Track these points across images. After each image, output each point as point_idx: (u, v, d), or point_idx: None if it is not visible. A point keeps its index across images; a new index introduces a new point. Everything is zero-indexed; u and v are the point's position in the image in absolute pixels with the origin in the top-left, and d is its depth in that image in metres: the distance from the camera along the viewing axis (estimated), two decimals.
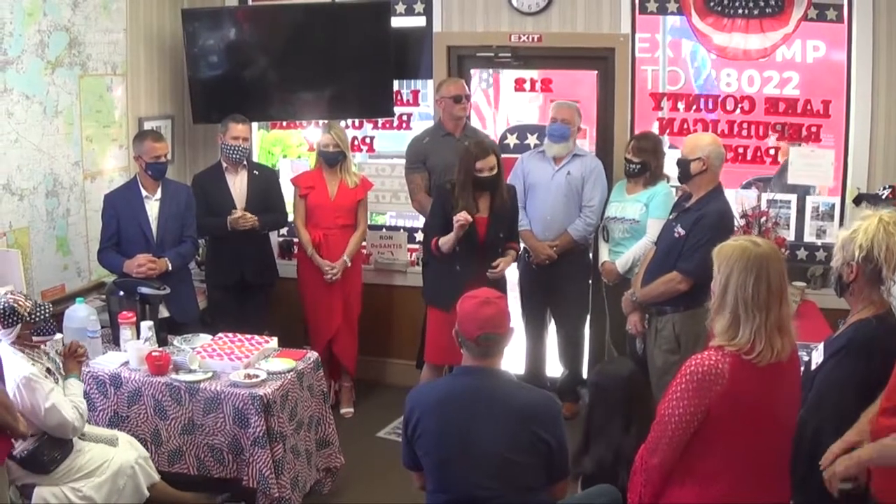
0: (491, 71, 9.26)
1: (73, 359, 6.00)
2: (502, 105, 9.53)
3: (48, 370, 5.58)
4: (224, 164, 8.17)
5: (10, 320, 5.38)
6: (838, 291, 4.70)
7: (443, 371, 7.87)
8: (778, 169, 8.27)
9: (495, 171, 7.32)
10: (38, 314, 5.48)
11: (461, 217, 7.12)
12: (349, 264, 8.39)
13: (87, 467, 5.66)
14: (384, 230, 9.10)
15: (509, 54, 8.66)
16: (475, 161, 7.25)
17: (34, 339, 5.54)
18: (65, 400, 5.49)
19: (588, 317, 8.58)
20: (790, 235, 8.13)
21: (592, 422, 5.33)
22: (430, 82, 8.90)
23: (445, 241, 7.32)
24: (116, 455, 5.80)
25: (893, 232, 4.41)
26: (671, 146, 8.18)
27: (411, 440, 4.64)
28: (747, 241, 4.16)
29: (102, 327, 6.90)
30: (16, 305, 5.37)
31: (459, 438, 4.47)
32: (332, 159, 8.27)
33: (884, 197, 6.58)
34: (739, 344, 3.98)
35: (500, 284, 7.38)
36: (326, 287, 8.32)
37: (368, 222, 8.65)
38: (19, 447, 5.43)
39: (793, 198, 8.20)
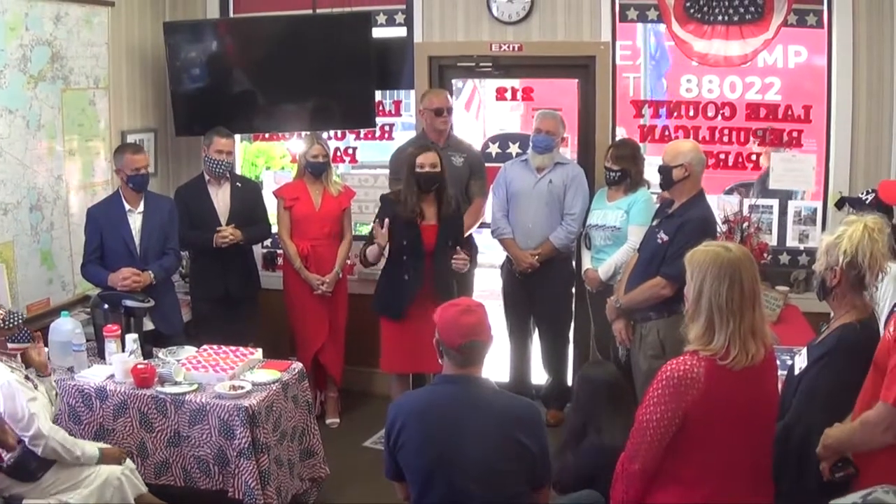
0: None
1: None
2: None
3: (26, 377, 5.57)
4: (207, 177, 8.16)
5: None
6: (821, 295, 4.72)
7: (409, 380, 7.90)
8: (760, 174, 8.30)
9: (438, 169, 7.41)
10: (11, 321, 5.48)
11: (378, 228, 7.38)
12: (341, 276, 8.43)
13: (74, 478, 5.65)
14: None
15: (490, 64, 8.68)
16: (415, 157, 7.35)
17: (10, 346, 5.53)
18: (45, 414, 5.48)
19: (572, 324, 8.60)
20: (772, 240, 8.16)
21: (576, 419, 5.38)
22: (412, 92, 8.94)
23: (371, 252, 7.50)
24: (103, 466, 5.79)
25: (878, 239, 4.44)
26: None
27: (394, 450, 4.63)
28: (719, 247, 4.20)
29: (87, 340, 6.88)
30: None
31: (442, 446, 4.47)
32: (321, 169, 8.29)
33: (867, 202, 6.59)
34: (714, 349, 4.02)
35: (450, 290, 7.46)
36: (313, 298, 8.32)
37: (352, 232, 8.63)
38: (5, 456, 5.44)
39: (775, 203, 8.24)
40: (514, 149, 8.95)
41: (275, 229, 8.60)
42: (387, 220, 7.34)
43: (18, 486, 5.53)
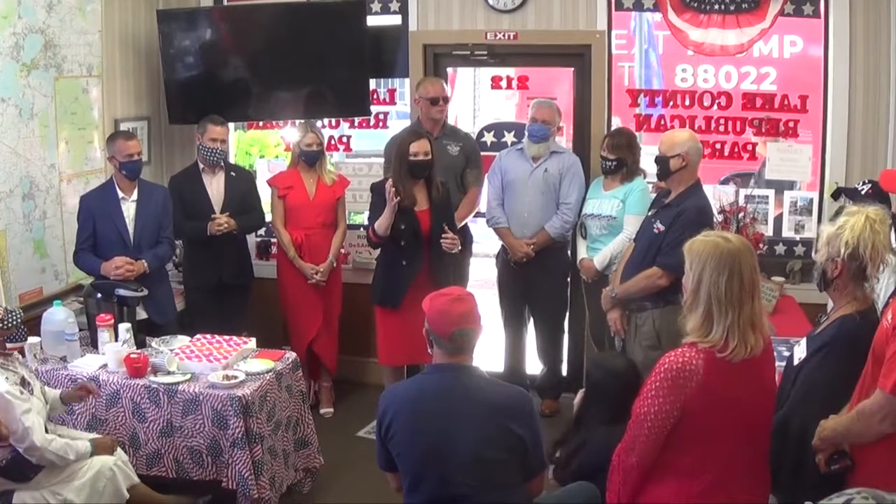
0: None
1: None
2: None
3: (22, 380, 5.53)
4: (201, 166, 8.14)
5: None
6: (821, 286, 4.71)
7: (404, 370, 7.88)
8: (759, 164, 8.28)
9: (429, 157, 7.40)
10: (10, 320, 5.41)
11: (391, 191, 7.25)
12: (335, 265, 8.41)
13: (67, 471, 5.62)
14: (362, 229, 8.99)
15: (485, 52, 8.65)
16: (408, 145, 7.33)
17: (8, 346, 5.48)
18: (39, 424, 5.44)
19: (567, 314, 8.59)
20: (768, 231, 8.14)
21: (585, 409, 5.35)
22: (407, 81, 8.92)
23: (380, 222, 7.39)
24: (95, 457, 5.76)
25: (880, 230, 4.44)
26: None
27: (385, 440, 4.62)
28: (718, 238, 4.19)
29: (80, 330, 6.84)
30: None
31: (433, 436, 4.46)
32: (315, 158, 8.27)
33: (863, 192, 6.57)
34: (713, 340, 4.01)
35: (449, 275, 7.43)
36: (307, 288, 8.29)
37: (346, 221, 8.60)
38: None
39: (770, 193, 8.22)
40: (509, 137, 8.92)
41: (269, 218, 8.56)
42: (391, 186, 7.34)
43: (11, 483, 5.50)
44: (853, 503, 2.56)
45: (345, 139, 9.33)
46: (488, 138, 9.02)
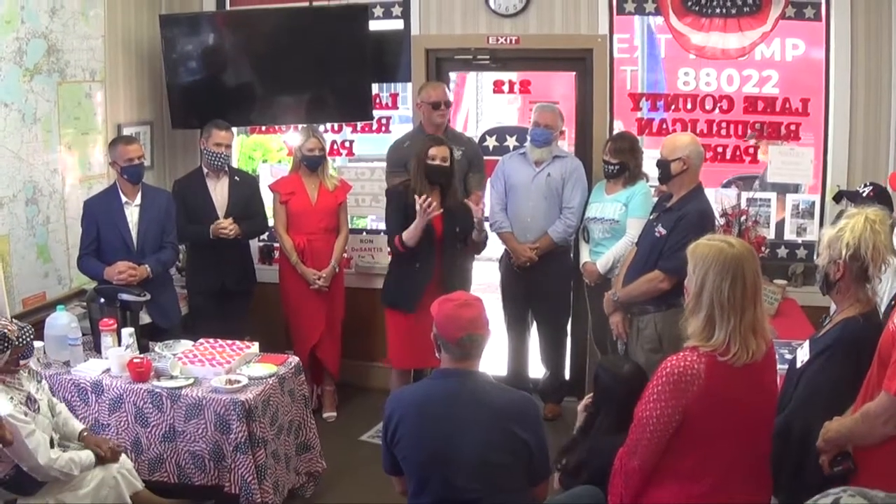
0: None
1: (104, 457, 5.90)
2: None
3: (28, 398, 5.50)
4: (205, 171, 8.14)
5: (1, 347, 5.31)
6: (824, 290, 4.71)
7: (411, 374, 7.88)
8: (762, 168, 8.28)
9: (447, 164, 7.39)
10: (24, 338, 5.40)
11: (422, 201, 7.19)
12: (337, 270, 8.41)
13: (70, 479, 5.61)
14: (364, 234, 9.08)
15: (487, 57, 8.66)
16: (428, 148, 7.35)
17: (20, 362, 5.47)
18: (45, 442, 5.42)
19: (570, 318, 8.58)
20: (770, 234, 8.15)
21: (593, 415, 5.32)
22: (409, 85, 8.91)
23: (409, 234, 7.35)
24: (99, 466, 5.76)
25: (880, 230, 4.44)
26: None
27: (391, 444, 4.61)
28: (722, 242, 4.18)
29: (83, 334, 6.86)
30: (6, 332, 5.29)
31: (439, 441, 4.45)
32: (317, 163, 8.27)
33: (864, 195, 6.58)
34: (715, 345, 4.01)
35: (458, 280, 7.45)
36: (310, 292, 8.29)
37: (349, 226, 8.60)
38: (1, 472, 5.40)
39: (772, 196, 8.22)
40: (511, 142, 8.92)
41: (271, 223, 8.57)
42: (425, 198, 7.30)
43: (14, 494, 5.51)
44: (841, 501, 2.56)
45: (347, 144, 9.33)
46: (490, 142, 9.04)
